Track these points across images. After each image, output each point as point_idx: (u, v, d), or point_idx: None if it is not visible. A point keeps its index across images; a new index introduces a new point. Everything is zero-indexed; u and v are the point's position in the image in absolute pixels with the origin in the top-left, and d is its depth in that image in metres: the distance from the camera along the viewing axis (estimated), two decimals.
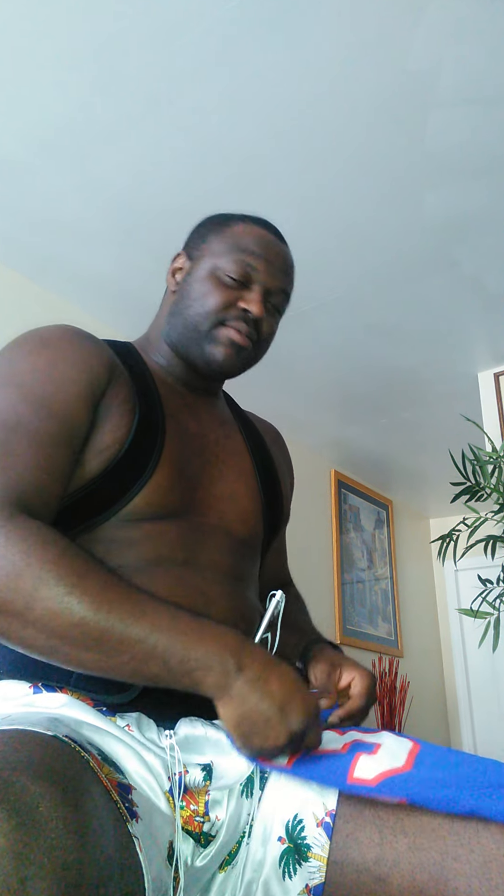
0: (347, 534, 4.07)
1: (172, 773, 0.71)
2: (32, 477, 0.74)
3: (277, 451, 1.09)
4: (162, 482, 0.83)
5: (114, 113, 1.84)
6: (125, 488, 0.80)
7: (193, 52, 1.66)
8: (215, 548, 0.86)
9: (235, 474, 0.94)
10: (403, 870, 0.66)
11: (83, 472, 0.80)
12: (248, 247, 0.92)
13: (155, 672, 0.67)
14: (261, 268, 0.91)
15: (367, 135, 1.90)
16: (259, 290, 0.91)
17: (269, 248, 0.93)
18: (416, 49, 1.65)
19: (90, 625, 0.65)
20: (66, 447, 0.78)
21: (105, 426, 0.82)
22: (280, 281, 0.94)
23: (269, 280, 0.92)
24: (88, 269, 2.47)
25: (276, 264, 0.93)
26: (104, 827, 0.53)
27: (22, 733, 0.57)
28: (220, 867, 0.73)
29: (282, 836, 0.73)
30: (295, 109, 1.82)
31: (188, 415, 0.94)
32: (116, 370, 0.87)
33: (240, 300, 0.91)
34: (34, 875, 0.44)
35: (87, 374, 0.82)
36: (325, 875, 0.69)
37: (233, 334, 0.91)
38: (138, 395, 0.87)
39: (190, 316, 0.92)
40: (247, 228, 0.94)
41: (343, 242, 2.33)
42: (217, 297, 0.90)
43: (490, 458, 2.58)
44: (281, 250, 0.95)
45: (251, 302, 0.90)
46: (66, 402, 0.79)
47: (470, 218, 2.21)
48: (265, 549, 1.00)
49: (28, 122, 1.87)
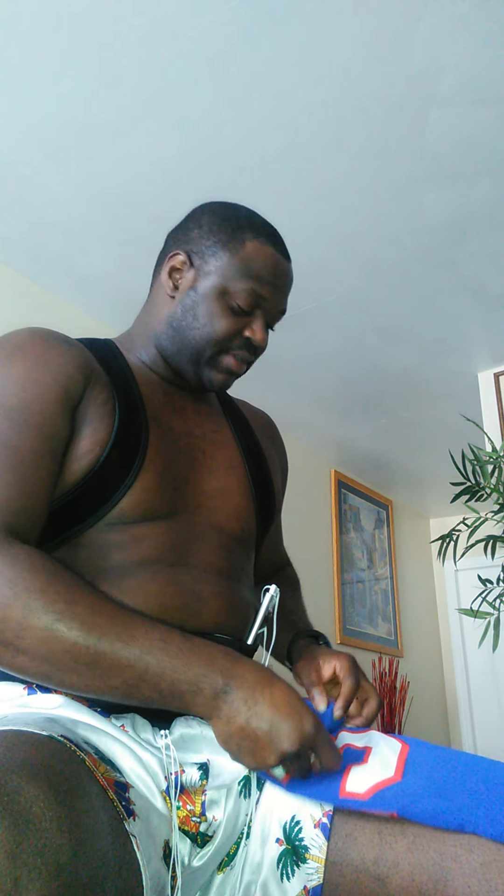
0: (347, 534, 4.07)
1: (169, 772, 0.71)
2: (17, 498, 0.72)
3: (268, 441, 1.07)
4: (147, 484, 0.81)
5: (114, 113, 1.84)
6: (109, 492, 0.79)
7: (194, 52, 1.66)
8: (207, 546, 0.85)
9: (224, 470, 0.93)
10: (403, 870, 0.66)
11: (65, 478, 0.79)
12: (261, 274, 0.89)
13: (147, 695, 0.67)
14: (269, 295, 0.90)
15: (367, 135, 1.90)
16: (264, 316, 0.91)
17: (278, 273, 0.91)
18: (416, 49, 1.65)
19: (80, 651, 0.65)
20: (48, 459, 0.76)
21: (85, 430, 0.80)
22: (282, 304, 0.94)
23: (274, 306, 0.92)
24: (88, 269, 2.47)
25: (282, 289, 0.93)
26: (100, 826, 0.53)
27: (16, 734, 0.57)
28: (218, 868, 0.73)
29: (279, 837, 0.73)
30: (295, 109, 1.82)
31: (172, 412, 0.92)
32: (93, 372, 0.85)
33: (245, 328, 0.90)
34: (28, 875, 0.45)
35: (63, 378, 0.80)
36: (324, 876, 0.69)
37: (233, 364, 0.91)
38: (118, 395, 0.85)
39: (193, 338, 0.90)
40: (258, 249, 0.90)
41: (343, 242, 2.33)
42: (224, 326, 0.89)
43: (490, 458, 2.58)
44: (287, 272, 0.94)
45: (256, 331, 0.90)
46: (44, 410, 0.77)
47: (470, 218, 2.21)
48: (259, 543, 0.99)
49: (28, 122, 1.87)
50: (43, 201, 2.16)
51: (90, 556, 0.78)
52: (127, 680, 0.66)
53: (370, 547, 4.29)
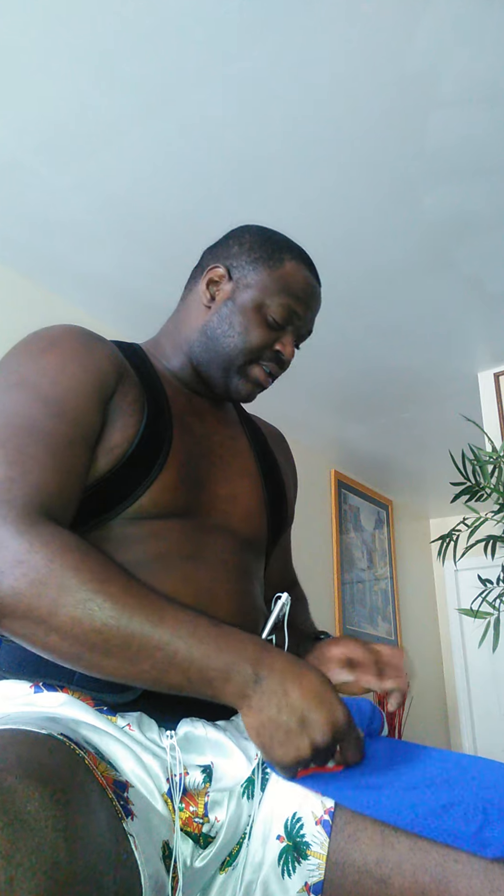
0: (347, 534, 4.07)
1: (172, 774, 0.70)
2: (52, 480, 0.74)
3: (281, 455, 1.10)
4: (168, 482, 0.83)
5: (114, 113, 1.83)
6: (132, 487, 0.81)
7: (194, 53, 1.66)
8: (220, 546, 0.86)
9: (239, 475, 0.95)
10: (405, 871, 0.65)
11: (93, 471, 0.80)
12: (296, 292, 0.95)
13: (177, 681, 0.66)
14: (302, 313, 0.95)
15: (367, 135, 1.90)
16: (295, 332, 0.96)
17: (312, 295, 0.97)
18: (416, 49, 1.65)
19: (112, 631, 0.65)
20: (81, 447, 0.78)
21: (115, 425, 0.83)
22: (311, 324, 1.00)
23: (305, 325, 0.98)
24: (88, 269, 2.46)
25: (313, 310, 0.98)
26: (97, 824, 0.53)
27: (15, 732, 0.57)
28: (220, 868, 0.73)
29: (280, 834, 0.73)
30: (295, 109, 1.82)
31: (194, 416, 0.95)
32: (125, 370, 0.88)
33: (276, 342, 0.95)
34: (22, 875, 0.45)
35: (97, 373, 0.83)
36: (325, 874, 0.69)
37: (261, 375, 0.95)
38: (147, 395, 0.88)
39: (227, 346, 0.94)
40: (296, 269, 0.96)
41: (343, 242, 2.33)
42: (258, 336, 0.93)
43: (490, 458, 2.58)
44: (318, 295, 0.99)
45: (286, 345, 0.95)
46: (78, 402, 0.79)
47: (470, 218, 2.21)
48: (269, 550, 1.00)
49: (28, 122, 1.87)
50: (43, 202, 2.16)
51: (110, 548, 0.79)
52: (156, 664, 0.65)
53: (370, 547, 4.29)
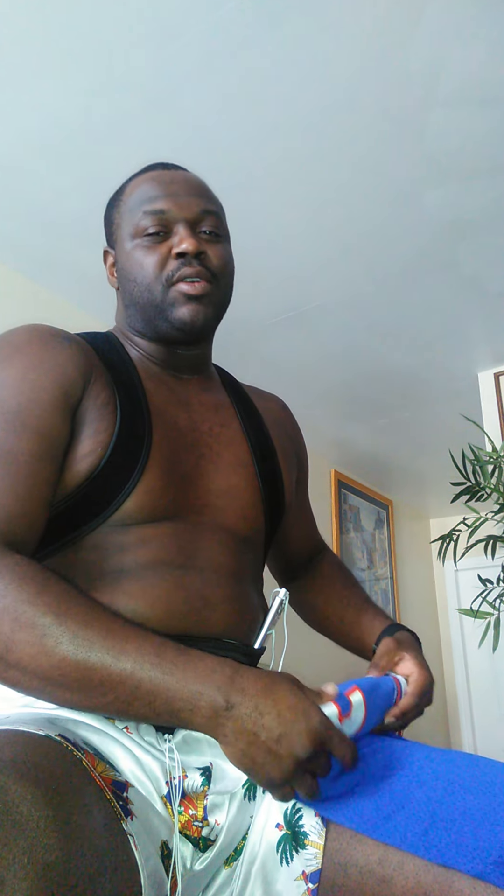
0: (347, 534, 4.07)
1: (171, 776, 0.70)
2: (13, 504, 0.71)
3: (280, 430, 1.02)
4: (152, 484, 0.79)
5: (114, 113, 1.83)
6: (113, 494, 0.77)
7: (193, 52, 1.66)
8: (214, 548, 0.82)
9: (232, 466, 0.89)
10: (408, 871, 0.65)
11: (67, 480, 0.76)
12: (146, 194, 0.88)
13: (143, 713, 0.64)
14: (169, 205, 0.87)
15: (367, 135, 1.90)
16: (182, 225, 0.87)
17: (167, 182, 0.89)
18: (416, 49, 1.65)
19: (70, 666, 0.62)
20: (46, 463, 0.74)
21: (85, 432, 0.78)
22: (196, 205, 0.89)
23: (185, 211, 0.87)
24: (89, 269, 2.46)
25: (182, 192, 0.88)
26: (94, 825, 0.53)
27: (11, 733, 0.57)
28: (225, 863, 0.73)
29: (280, 822, 0.72)
30: (295, 110, 1.82)
31: (177, 406, 0.89)
32: (93, 370, 0.82)
33: (171, 249, 0.86)
34: (14, 875, 0.45)
35: (61, 379, 0.78)
36: (323, 872, 0.69)
37: (185, 287, 0.86)
38: (120, 393, 0.83)
39: (139, 294, 0.88)
40: (136, 183, 0.91)
41: (343, 243, 2.33)
42: (149, 259, 0.86)
43: (490, 458, 2.58)
44: (180, 177, 0.91)
45: (181, 242, 0.85)
46: (41, 413, 0.75)
47: (470, 218, 2.21)
48: (268, 543, 0.96)
49: (28, 122, 1.87)
50: (44, 201, 2.16)
51: (94, 559, 0.76)
52: (119, 696, 0.63)
53: (370, 547, 4.29)
